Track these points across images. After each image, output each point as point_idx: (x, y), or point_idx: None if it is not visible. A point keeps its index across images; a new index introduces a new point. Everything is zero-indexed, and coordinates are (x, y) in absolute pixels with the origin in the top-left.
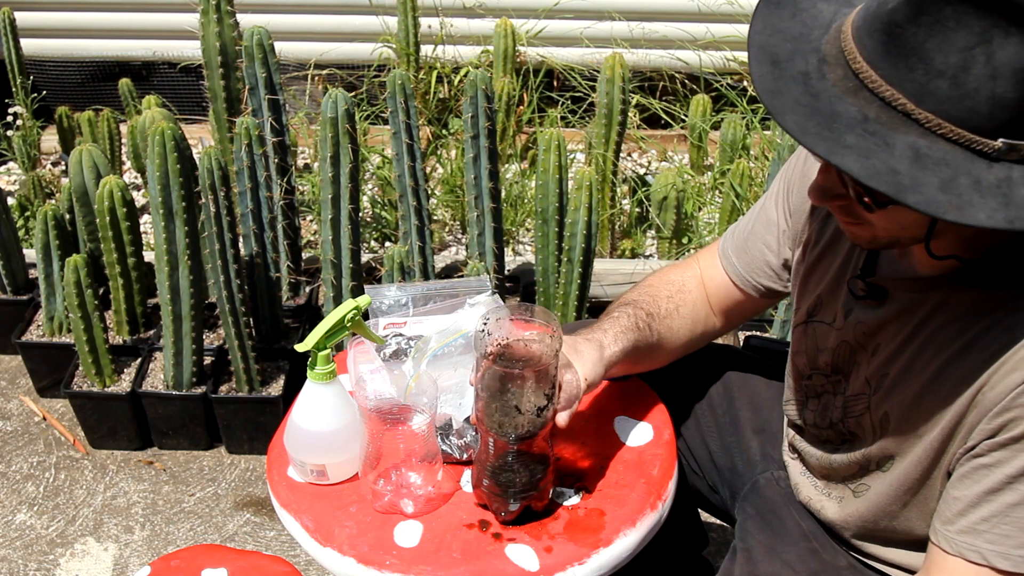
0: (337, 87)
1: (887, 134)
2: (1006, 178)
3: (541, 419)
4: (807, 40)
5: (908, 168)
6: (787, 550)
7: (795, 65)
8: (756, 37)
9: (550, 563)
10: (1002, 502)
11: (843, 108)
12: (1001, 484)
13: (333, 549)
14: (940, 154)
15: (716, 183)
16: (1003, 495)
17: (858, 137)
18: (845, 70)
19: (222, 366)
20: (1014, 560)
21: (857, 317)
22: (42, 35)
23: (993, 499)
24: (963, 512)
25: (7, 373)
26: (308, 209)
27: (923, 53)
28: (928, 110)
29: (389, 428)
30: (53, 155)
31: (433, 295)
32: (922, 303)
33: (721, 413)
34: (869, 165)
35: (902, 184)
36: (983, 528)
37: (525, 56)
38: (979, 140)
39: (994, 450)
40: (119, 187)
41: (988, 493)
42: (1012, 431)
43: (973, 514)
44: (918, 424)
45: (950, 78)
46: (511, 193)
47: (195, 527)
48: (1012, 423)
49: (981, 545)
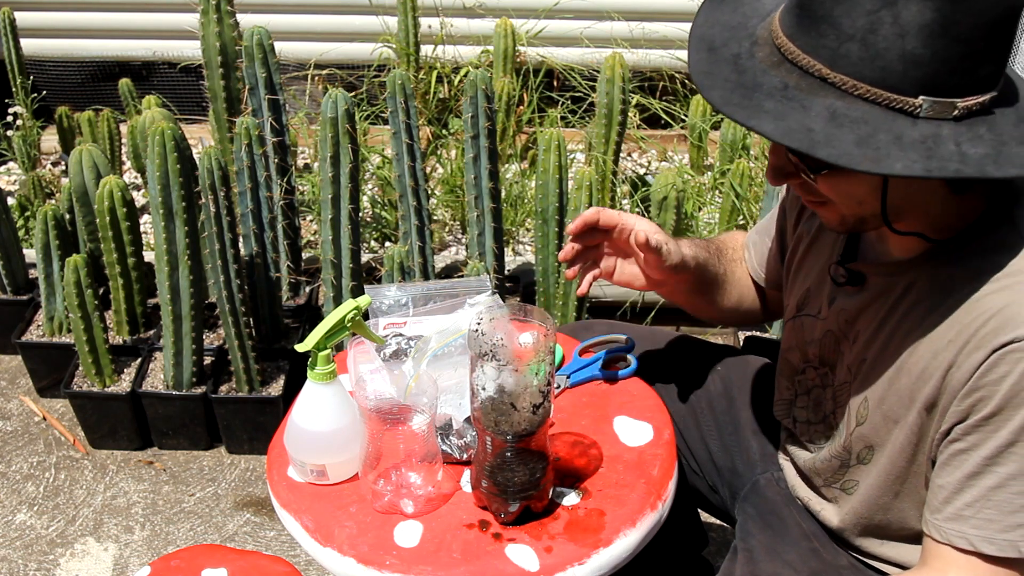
0: (337, 87)
1: (805, 99)
2: (933, 135)
3: (538, 416)
4: (744, 28)
5: (823, 126)
6: (788, 550)
7: (729, 49)
8: (696, 30)
9: (550, 563)
10: (983, 486)
11: (766, 80)
12: (980, 467)
13: (333, 549)
14: (858, 113)
15: (716, 183)
16: (983, 479)
17: (776, 103)
18: (771, 47)
19: (222, 366)
20: (999, 544)
21: (839, 305)
22: (42, 35)
23: (974, 484)
24: (948, 499)
25: (7, 373)
26: (308, 209)
27: (832, 19)
28: (843, 73)
29: (389, 428)
30: (53, 155)
31: (433, 295)
32: (895, 286)
33: (721, 413)
34: (783, 125)
35: (815, 140)
36: (968, 514)
37: (525, 56)
38: (898, 99)
39: (968, 433)
40: (119, 187)
41: (969, 478)
42: (981, 411)
43: (957, 500)
44: (894, 408)
45: (860, 40)
46: (511, 193)
47: (195, 527)
48: (980, 403)
49: (967, 531)
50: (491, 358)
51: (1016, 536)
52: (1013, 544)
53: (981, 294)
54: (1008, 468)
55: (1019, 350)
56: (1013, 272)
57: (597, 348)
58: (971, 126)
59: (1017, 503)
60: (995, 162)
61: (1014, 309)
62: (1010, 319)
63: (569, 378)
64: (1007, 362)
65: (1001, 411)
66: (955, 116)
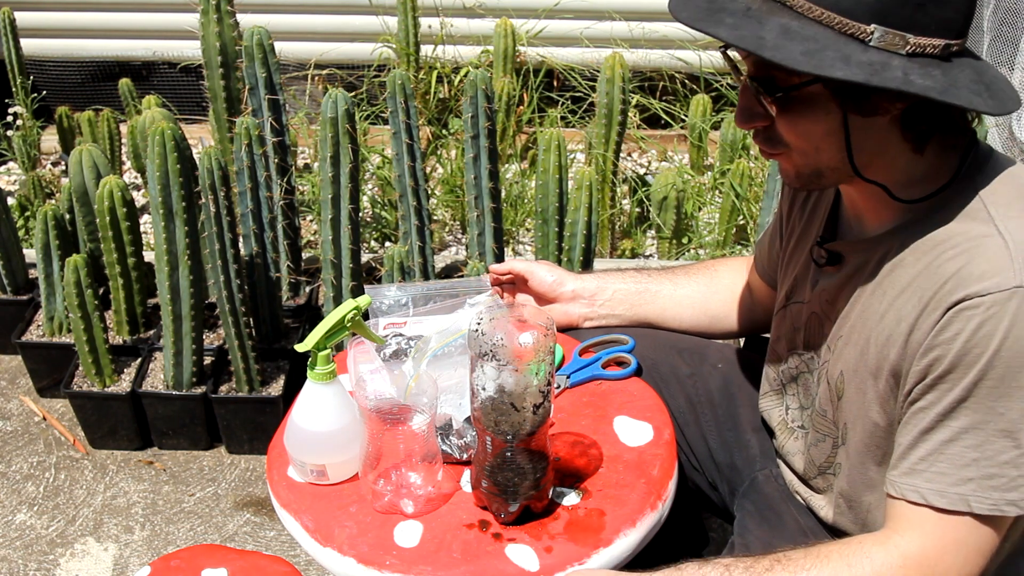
0: (337, 87)
1: (762, 17)
2: (882, 63)
3: (538, 416)
4: None
5: (775, 38)
6: (784, 545)
7: None
8: None
9: (550, 563)
10: (936, 440)
11: (731, 5)
12: (934, 423)
13: (333, 549)
14: (810, 32)
15: (716, 183)
16: (936, 433)
17: (736, 19)
18: None
19: (222, 366)
20: (950, 498)
21: (821, 286)
22: (42, 35)
23: (928, 438)
24: (903, 455)
25: (7, 373)
26: (308, 209)
27: None
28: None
29: (389, 428)
30: (53, 155)
31: (433, 295)
32: (871, 260)
33: (721, 410)
34: (737, 33)
35: (764, 45)
36: (921, 468)
37: (525, 56)
38: (851, 24)
39: (926, 393)
40: (119, 187)
41: (923, 433)
42: (937, 369)
43: (912, 455)
44: (864, 378)
45: None
46: (511, 193)
47: (195, 527)
48: (936, 362)
49: (920, 484)
50: (491, 358)
51: (967, 490)
52: (963, 498)
53: (942, 260)
54: (960, 422)
55: (971, 307)
56: (973, 237)
57: (597, 348)
58: (923, 64)
59: (969, 456)
60: (940, 93)
61: (968, 268)
62: (964, 278)
63: (569, 378)
64: (960, 319)
65: (955, 368)
66: (908, 52)
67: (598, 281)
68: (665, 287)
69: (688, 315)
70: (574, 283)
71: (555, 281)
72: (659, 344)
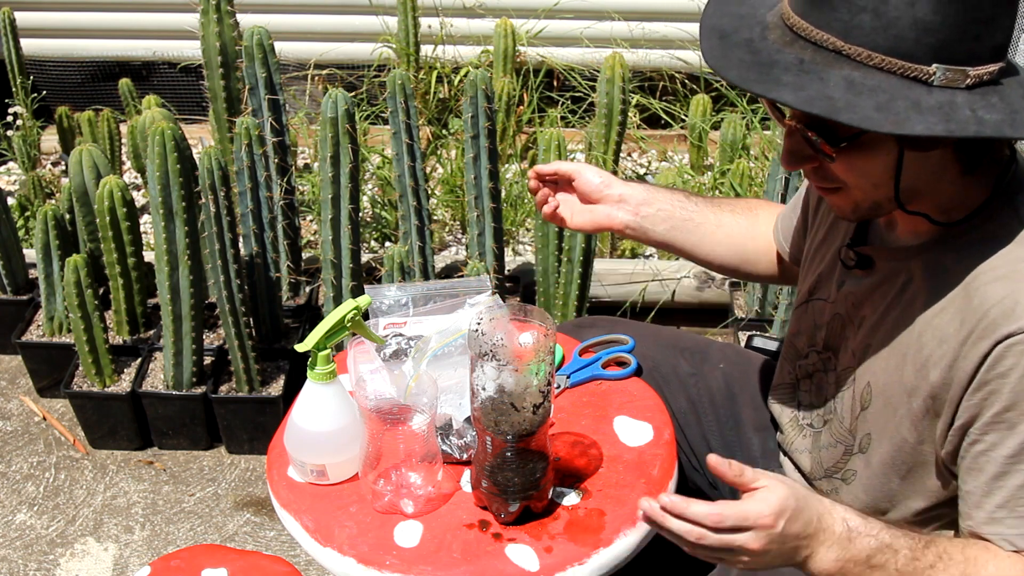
0: (337, 87)
1: (821, 71)
2: (948, 102)
3: (538, 416)
4: (753, 16)
5: (843, 94)
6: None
7: (740, 35)
8: (707, 20)
9: (550, 563)
10: (1011, 485)
11: (781, 57)
12: (1004, 467)
13: (333, 549)
14: (875, 82)
15: (716, 183)
16: (1010, 478)
17: (794, 76)
18: (783, 28)
19: (222, 366)
20: None
21: (848, 288)
22: (42, 35)
23: (1002, 484)
24: (978, 504)
25: (7, 373)
26: (308, 209)
27: None
28: (856, 44)
29: (389, 428)
30: (53, 155)
31: (433, 295)
32: (901, 271)
33: (723, 410)
34: (803, 95)
35: (836, 107)
36: (1000, 516)
37: (525, 56)
38: (913, 67)
39: (986, 433)
40: (119, 187)
41: (995, 479)
42: (994, 406)
43: (988, 504)
44: (897, 395)
45: (871, 11)
46: (511, 193)
47: (195, 527)
48: (991, 397)
49: (1005, 532)
50: (491, 358)
51: None
52: None
53: (981, 283)
54: None
55: (1022, 342)
56: (1013, 260)
57: (597, 348)
58: (983, 95)
59: None
60: (1011, 126)
61: (1015, 297)
62: (1011, 309)
63: (569, 378)
64: (1012, 354)
65: (1014, 406)
66: (968, 85)
67: (646, 193)
68: (708, 221)
69: (721, 252)
70: (622, 188)
71: (602, 183)
72: (661, 344)
